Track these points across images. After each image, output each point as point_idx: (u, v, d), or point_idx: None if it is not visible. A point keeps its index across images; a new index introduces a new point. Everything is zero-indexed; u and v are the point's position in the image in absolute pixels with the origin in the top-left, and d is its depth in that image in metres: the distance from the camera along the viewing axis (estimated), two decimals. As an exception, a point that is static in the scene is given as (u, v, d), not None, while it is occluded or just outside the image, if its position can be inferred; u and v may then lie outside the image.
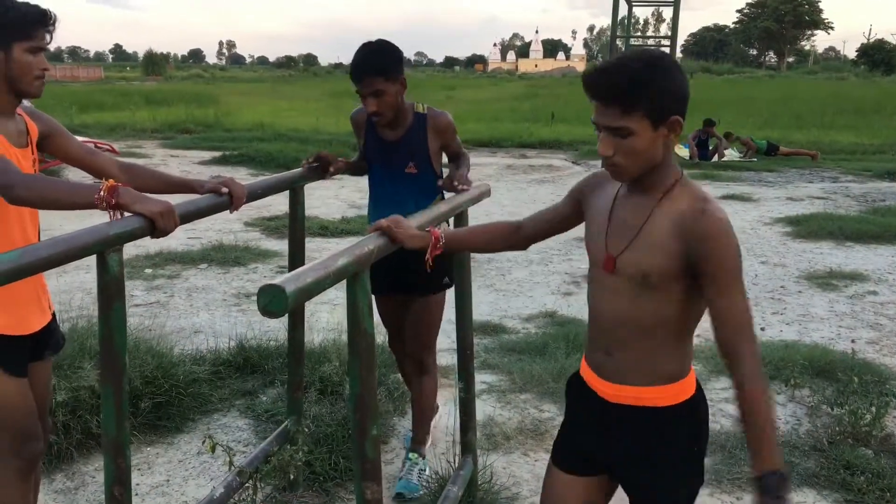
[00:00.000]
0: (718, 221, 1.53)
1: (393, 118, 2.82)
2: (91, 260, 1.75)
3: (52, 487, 3.04)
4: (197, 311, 5.29)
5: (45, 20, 2.15)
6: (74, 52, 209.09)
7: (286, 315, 2.58)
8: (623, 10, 8.32)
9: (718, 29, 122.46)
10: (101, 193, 1.84)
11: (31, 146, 2.25)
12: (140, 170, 2.44)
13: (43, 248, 1.60)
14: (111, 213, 1.88)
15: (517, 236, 2.01)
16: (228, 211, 2.32)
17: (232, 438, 3.45)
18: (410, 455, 3.11)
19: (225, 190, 2.26)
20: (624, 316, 1.66)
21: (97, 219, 1.82)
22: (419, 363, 3.11)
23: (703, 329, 4.52)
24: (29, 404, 2.20)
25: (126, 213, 1.88)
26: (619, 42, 8.18)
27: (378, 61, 2.71)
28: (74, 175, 9.66)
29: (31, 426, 2.21)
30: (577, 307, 5.45)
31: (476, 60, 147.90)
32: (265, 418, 3.63)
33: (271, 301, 1.37)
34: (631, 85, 1.51)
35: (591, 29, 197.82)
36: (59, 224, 6.81)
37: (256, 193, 2.46)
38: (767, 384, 1.56)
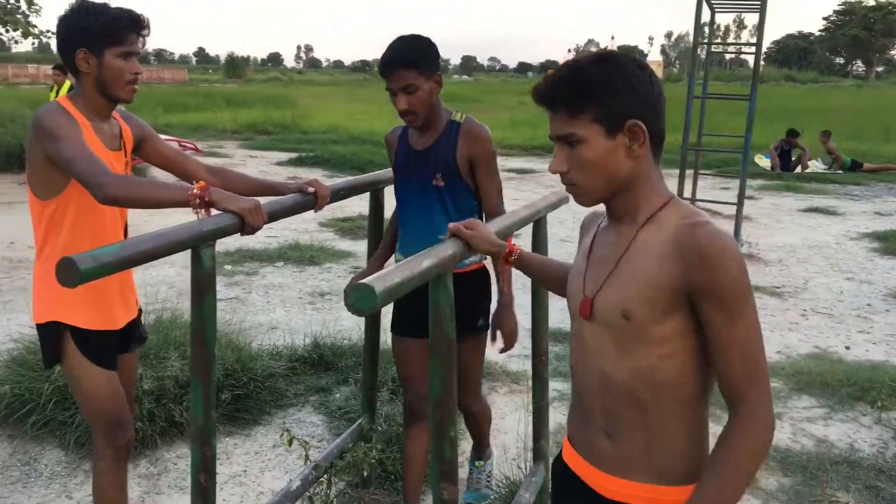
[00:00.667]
0: (715, 235, 1.26)
1: (426, 121, 2.51)
2: (176, 256, 1.82)
3: (137, 472, 3.16)
4: (273, 308, 5.42)
5: (136, 25, 2.19)
6: (160, 55, 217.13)
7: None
8: (705, 16, 8.12)
9: (803, 36, 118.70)
10: (195, 191, 1.91)
11: (125, 149, 2.32)
12: (227, 173, 2.51)
13: (142, 241, 1.67)
14: (198, 212, 1.94)
15: None
16: (313, 210, 2.38)
17: (306, 433, 3.52)
18: (476, 463, 3.09)
19: (311, 189, 2.32)
20: (613, 376, 1.36)
21: (181, 217, 1.89)
22: (465, 409, 2.82)
23: (783, 346, 4.39)
24: (120, 394, 2.30)
25: (214, 212, 1.94)
26: (700, 49, 7.99)
27: (411, 53, 2.40)
28: (156, 176, 10.02)
29: (122, 415, 2.30)
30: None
31: (550, 66, 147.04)
32: (338, 415, 3.69)
33: (359, 300, 1.40)
34: (575, 84, 1.32)
35: (668, 35, 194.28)
36: (145, 220, 7.08)
37: (340, 193, 2.52)
38: (767, 444, 1.26)
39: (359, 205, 8.19)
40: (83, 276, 1.44)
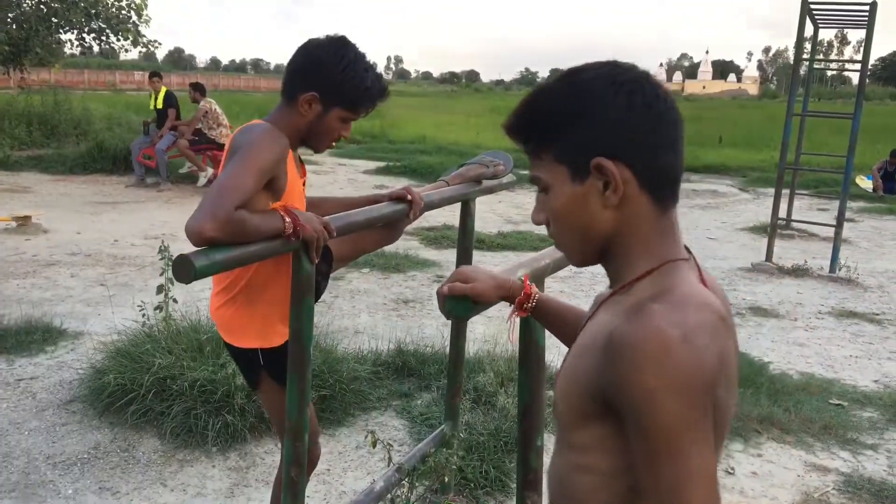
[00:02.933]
0: (647, 336, 0.90)
1: None
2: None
3: (227, 465, 3.29)
4: (358, 313, 5.54)
5: (375, 103, 2.09)
6: (257, 65, 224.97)
7: (447, 324, 2.66)
8: (808, 31, 7.87)
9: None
10: (287, 220, 1.82)
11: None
12: (328, 203, 2.42)
13: (252, 244, 1.76)
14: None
15: None
16: (408, 217, 2.43)
17: (388, 437, 3.58)
18: None
19: (409, 197, 2.38)
20: (555, 478, 1.08)
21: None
22: None
23: (881, 374, 4.26)
24: (312, 411, 2.29)
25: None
26: (801, 65, 7.74)
27: None
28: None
29: (317, 430, 2.38)
30: (741, 340, 5.16)
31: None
32: (419, 420, 3.75)
33: (455, 307, 1.43)
34: (532, 114, 1.06)
35: (766, 50, 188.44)
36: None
37: (434, 203, 2.56)
38: None
39: (443, 214, 8.27)
40: (198, 272, 1.53)
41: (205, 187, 10.41)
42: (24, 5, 14.65)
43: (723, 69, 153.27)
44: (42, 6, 14.62)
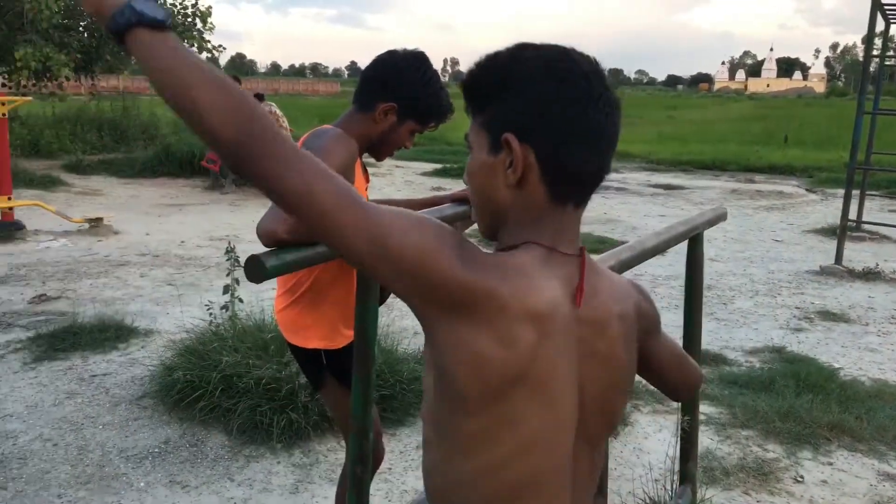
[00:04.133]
0: None
1: None
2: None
3: (291, 461, 3.35)
4: (418, 314, 5.57)
5: (444, 120, 2.16)
6: (315, 68, 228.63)
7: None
8: (878, 27, 7.61)
9: None
10: None
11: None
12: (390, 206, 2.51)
13: (319, 246, 1.79)
14: None
15: None
16: (470, 218, 2.44)
17: (448, 437, 3.60)
18: None
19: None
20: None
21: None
22: None
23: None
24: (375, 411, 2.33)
25: None
26: (871, 62, 7.49)
27: None
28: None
29: (379, 427, 2.42)
30: (810, 345, 5.07)
31: (701, 79, 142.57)
32: (479, 422, 3.75)
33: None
34: (475, 77, 1.08)
35: (833, 47, 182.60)
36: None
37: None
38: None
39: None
40: (269, 272, 1.57)
41: (267, 190, 10.61)
42: (96, 15, 15.16)
43: (788, 66, 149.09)
44: (112, 15, 15.10)
